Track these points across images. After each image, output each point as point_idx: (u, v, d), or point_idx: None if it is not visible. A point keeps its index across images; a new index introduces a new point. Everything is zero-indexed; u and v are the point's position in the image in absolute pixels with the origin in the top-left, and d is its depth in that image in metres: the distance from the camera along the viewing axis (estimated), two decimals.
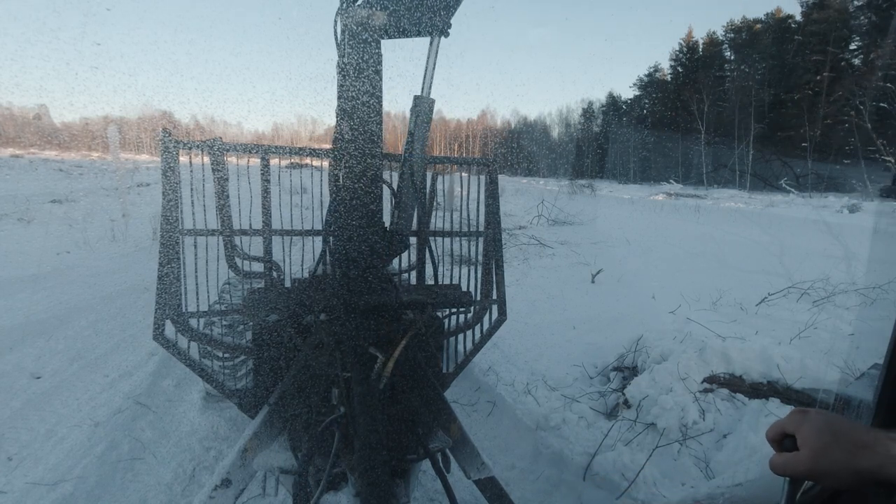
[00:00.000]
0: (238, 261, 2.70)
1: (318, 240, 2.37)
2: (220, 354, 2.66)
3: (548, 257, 7.95)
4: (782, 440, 0.71)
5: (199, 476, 2.51)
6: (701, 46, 48.32)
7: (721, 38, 46.55)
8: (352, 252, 1.66)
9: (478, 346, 2.47)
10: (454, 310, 2.27)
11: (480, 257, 2.53)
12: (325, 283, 1.77)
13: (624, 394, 3.06)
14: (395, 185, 2.00)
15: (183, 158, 1.98)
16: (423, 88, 1.82)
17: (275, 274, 2.61)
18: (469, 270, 2.63)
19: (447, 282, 2.28)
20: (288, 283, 2.61)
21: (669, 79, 50.99)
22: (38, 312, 4.33)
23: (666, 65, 52.52)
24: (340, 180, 1.68)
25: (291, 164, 2.87)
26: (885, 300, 5.32)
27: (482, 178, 2.46)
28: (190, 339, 1.95)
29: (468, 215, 2.50)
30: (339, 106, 1.68)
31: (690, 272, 6.92)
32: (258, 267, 2.56)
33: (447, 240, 2.51)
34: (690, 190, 32.66)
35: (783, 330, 4.27)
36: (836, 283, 5.73)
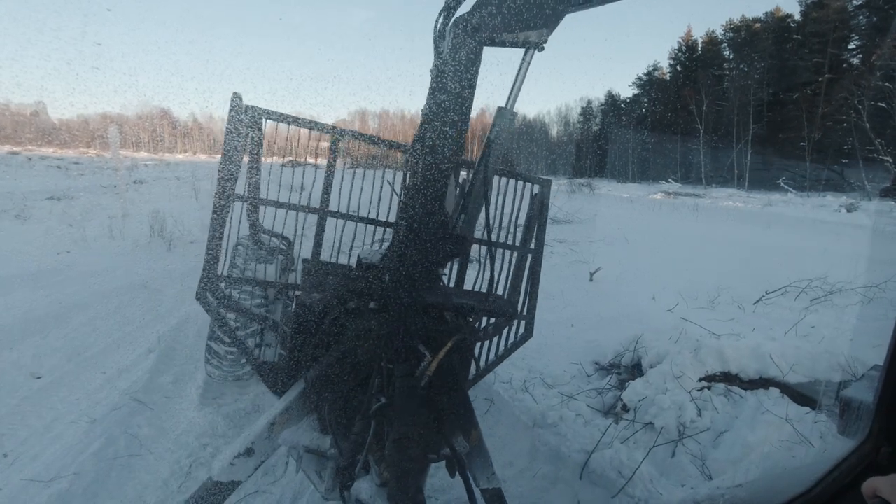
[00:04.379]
0: (261, 234, 2.79)
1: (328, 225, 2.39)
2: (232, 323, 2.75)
3: (546, 255, 7.94)
4: (872, 496, 0.66)
5: (196, 473, 2.50)
6: (700, 45, 48.32)
7: (720, 37, 46.60)
8: (416, 248, 1.69)
9: (500, 358, 2.50)
10: (496, 320, 2.31)
11: (510, 269, 2.54)
12: (381, 272, 1.79)
13: (622, 399, 3.07)
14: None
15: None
16: (508, 100, 1.81)
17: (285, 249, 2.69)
18: (480, 275, 2.63)
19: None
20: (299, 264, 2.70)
21: (668, 78, 50.98)
22: (35, 310, 4.32)
23: (665, 64, 52.55)
24: (417, 178, 1.71)
25: (290, 162, 2.89)
26: (882, 299, 5.34)
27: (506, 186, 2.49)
28: (223, 304, 2.00)
29: (515, 228, 2.54)
30: (427, 106, 1.71)
31: (688, 271, 6.93)
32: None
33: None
34: (689, 189, 32.70)
35: (780, 329, 4.28)
36: (833, 281, 5.75)
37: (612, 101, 57.66)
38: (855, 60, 35.07)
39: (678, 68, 49.87)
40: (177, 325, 4.22)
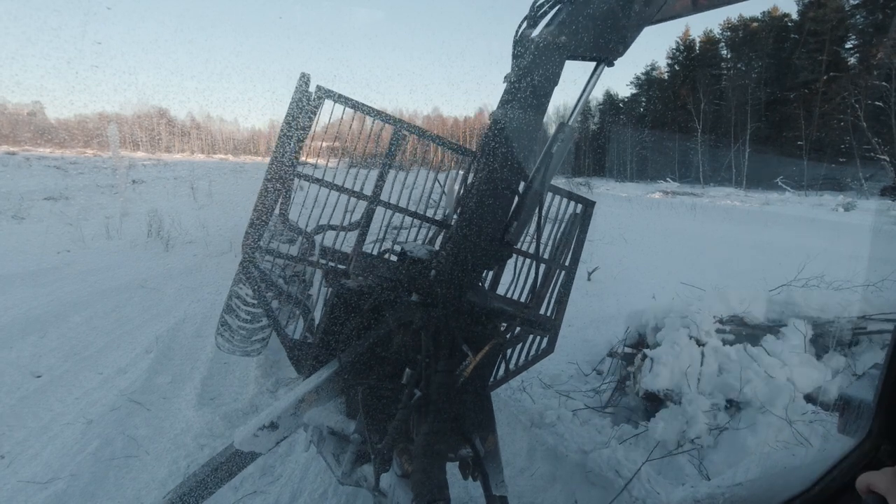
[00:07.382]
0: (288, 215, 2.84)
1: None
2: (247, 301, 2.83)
3: None
4: (867, 492, 0.64)
5: None
6: (698, 45, 48.33)
7: (718, 36, 46.58)
8: (471, 249, 1.72)
9: (520, 369, 2.51)
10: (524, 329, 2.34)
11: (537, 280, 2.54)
12: (428, 267, 1.81)
13: (634, 363, 3.07)
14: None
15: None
16: (570, 116, 1.82)
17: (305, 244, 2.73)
18: (514, 282, 2.63)
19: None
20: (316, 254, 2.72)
21: (666, 77, 50.99)
22: (34, 308, 4.30)
23: (663, 63, 52.58)
24: (482, 182, 1.72)
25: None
26: (879, 297, 5.33)
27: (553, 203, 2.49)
28: (258, 276, 2.02)
29: (553, 241, 2.53)
30: (498, 112, 1.72)
31: (686, 269, 6.93)
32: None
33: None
34: (687, 188, 32.72)
35: None
36: (830, 280, 5.75)
37: (610, 100, 57.65)
38: (852, 60, 35.12)
39: (676, 67, 49.85)
40: (175, 325, 4.21)
